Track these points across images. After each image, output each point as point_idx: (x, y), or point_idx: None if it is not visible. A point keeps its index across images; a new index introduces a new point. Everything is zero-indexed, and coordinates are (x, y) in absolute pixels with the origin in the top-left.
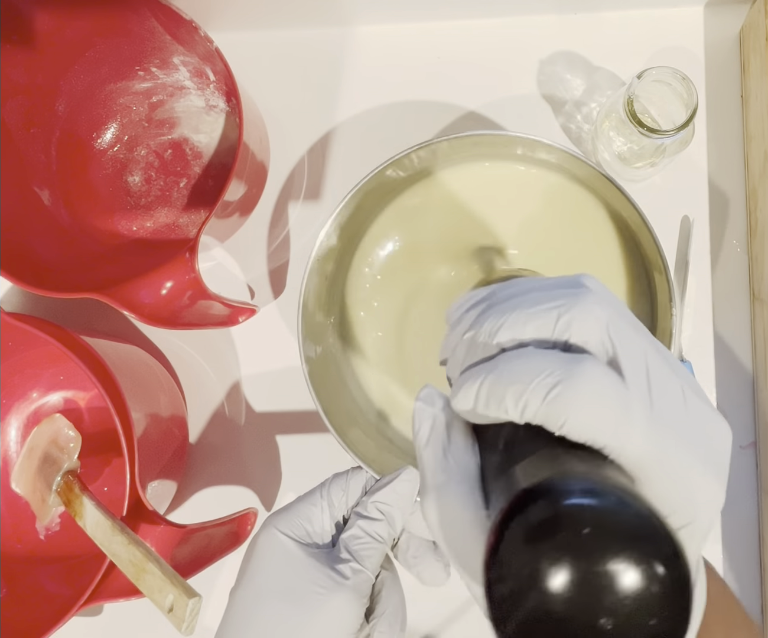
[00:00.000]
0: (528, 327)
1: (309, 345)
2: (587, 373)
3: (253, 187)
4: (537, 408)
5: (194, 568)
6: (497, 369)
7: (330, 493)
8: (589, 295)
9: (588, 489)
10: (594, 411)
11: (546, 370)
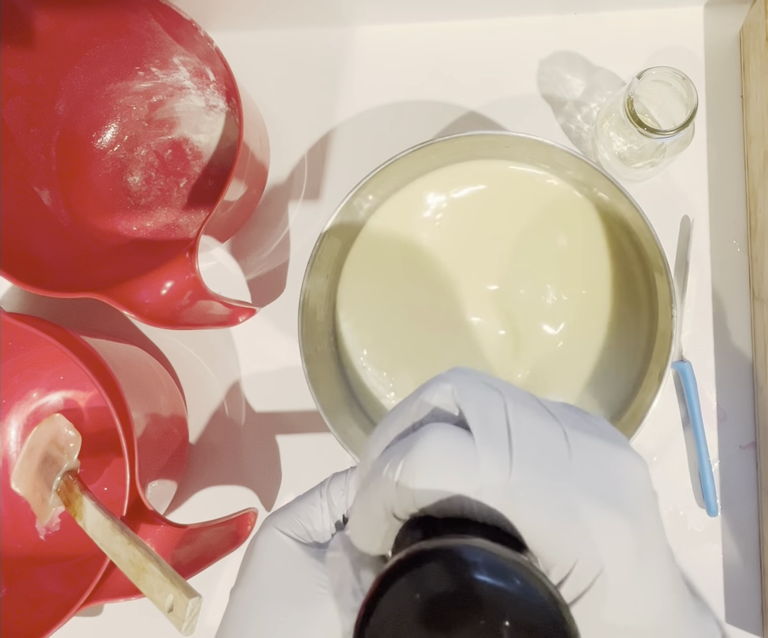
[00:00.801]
0: (390, 430)
1: (309, 344)
2: (426, 439)
3: (253, 187)
4: (394, 498)
5: (194, 568)
6: (369, 486)
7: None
8: (440, 376)
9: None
10: (436, 469)
11: (392, 457)
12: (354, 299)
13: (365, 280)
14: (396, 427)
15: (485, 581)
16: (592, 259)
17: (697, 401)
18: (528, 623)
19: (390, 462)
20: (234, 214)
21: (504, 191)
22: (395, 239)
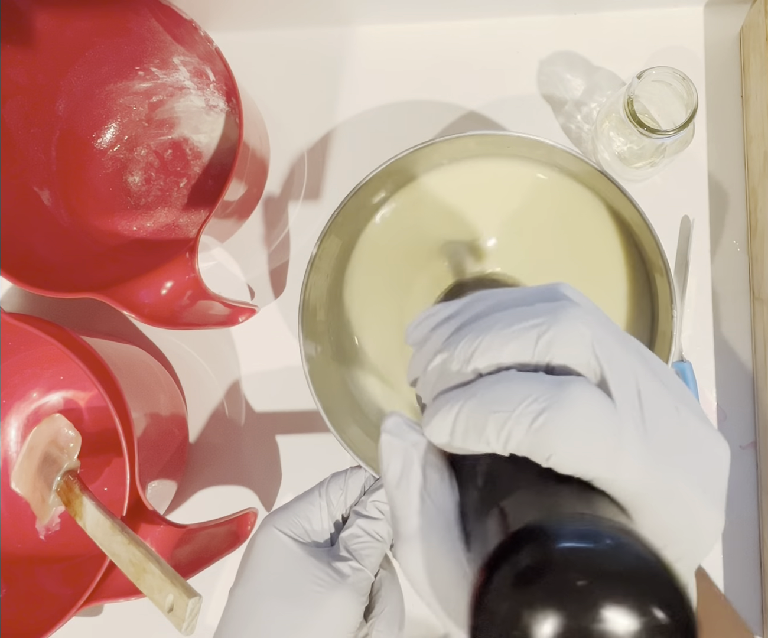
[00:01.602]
0: (506, 350)
1: (309, 343)
2: (575, 398)
3: (253, 187)
4: (522, 439)
5: (194, 568)
6: (476, 397)
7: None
8: (571, 308)
9: (580, 532)
10: (584, 440)
11: (530, 396)
12: (355, 299)
13: (366, 280)
14: (514, 345)
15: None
16: (591, 259)
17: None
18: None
19: (525, 405)
20: (234, 214)
21: (504, 191)
22: (396, 239)
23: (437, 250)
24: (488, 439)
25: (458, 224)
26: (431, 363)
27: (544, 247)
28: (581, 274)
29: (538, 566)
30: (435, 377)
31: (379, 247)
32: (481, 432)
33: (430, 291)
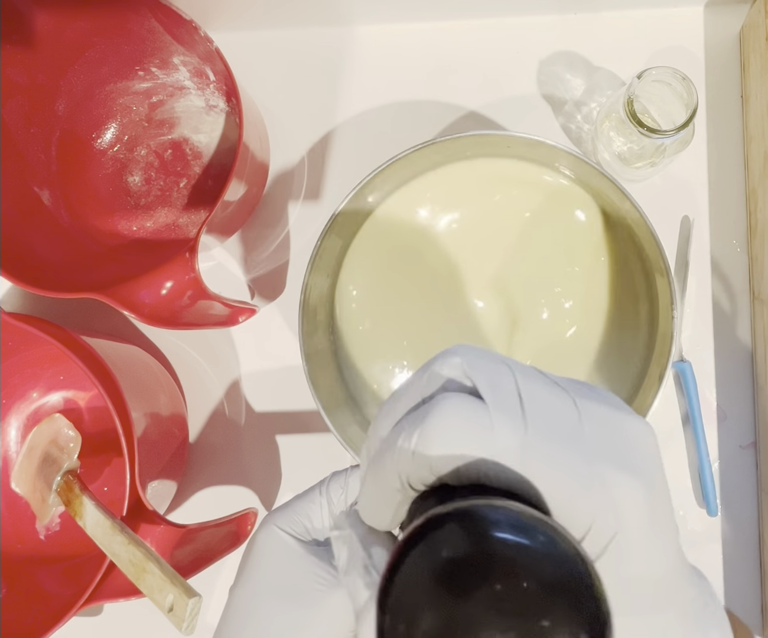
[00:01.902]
0: (399, 405)
1: (310, 342)
2: (439, 405)
3: (253, 187)
4: (410, 464)
5: (194, 568)
6: (379, 458)
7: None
8: (448, 351)
9: (510, 521)
10: (452, 434)
11: (407, 427)
12: (356, 298)
13: (366, 280)
14: (406, 402)
15: (508, 539)
16: (591, 259)
17: (697, 401)
18: (554, 580)
19: (404, 432)
20: (234, 214)
21: (504, 191)
22: (396, 239)
23: (437, 250)
24: (390, 484)
25: (456, 224)
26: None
27: (544, 246)
28: (580, 274)
29: (459, 550)
30: (364, 469)
31: (379, 245)
32: (382, 480)
33: (429, 290)
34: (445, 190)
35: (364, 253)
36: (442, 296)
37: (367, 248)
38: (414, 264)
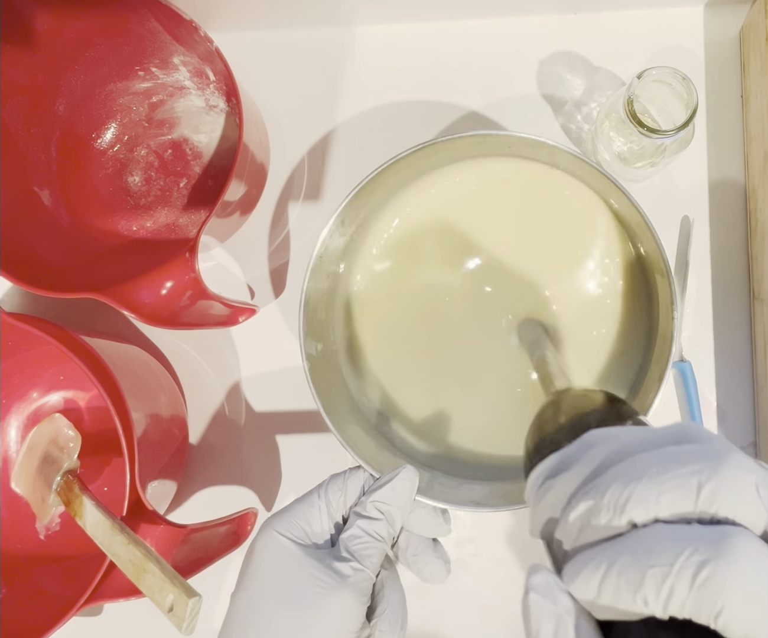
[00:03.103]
0: (663, 499)
1: (310, 342)
2: (741, 550)
3: (253, 187)
4: (686, 596)
5: (194, 568)
6: (629, 550)
7: (327, 494)
8: (730, 453)
9: None
10: (758, 598)
11: (690, 547)
12: (356, 299)
13: (368, 279)
14: (673, 494)
15: None
16: (591, 260)
17: (697, 401)
18: None
19: (685, 557)
20: (234, 214)
21: (503, 190)
22: (397, 238)
23: (437, 249)
24: (646, 598)
25: (458, 223)
26: (574, 510)
27: (544, 247)
28: (581, 275)
29: None
30: (578, 527)
31: (380, 245)
32: (636, 590)
33: (431, 292)
34: (446, 190)
35: (366, 255)
36: (443, 293)
37: (369, 248)
38: (415, 263)
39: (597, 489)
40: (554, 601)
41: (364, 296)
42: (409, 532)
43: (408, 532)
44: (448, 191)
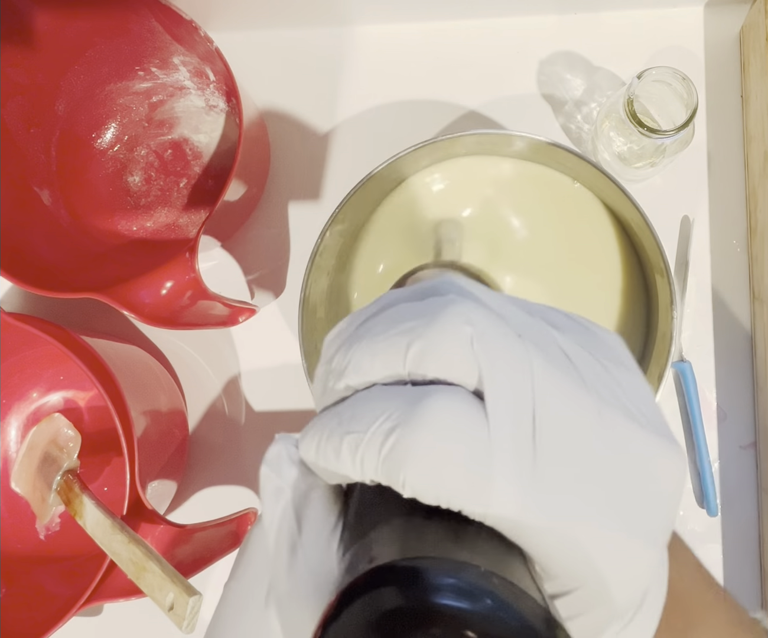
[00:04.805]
0: (376, 362)
1: (309, 340)
2: (430, 412)
3: (253, 187)
4: (376, 464)
5: (194, 568)
6: (339, 415)
7: None
8: (453, 303)
9: (453, 585)
10: (434, 464)
11: (385, 412)
12: (355, 298)
13: (367, 278)
14: (386, 356)
15: (450, 604)
16: (591, 259)
17: (697, 401)
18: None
19: (378, 423)
20: (234, 214)
21: (503, 190)
22: (396, 238)
23: (436, 248)
24: (345, 464)
25: (458, 223)
26: (316, 376)
27: (544, 246)
28: (581, 274)
29: (398, 613)
30: (320, 391)
31: (379, 245)
32: (337, 458)
33: None
34: (446, 190)
35: (365, 253)
36: None
37: (368, 248)
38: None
39: (333, 354)
40: (279, 474)
41: (363, 296)
42: None
43: None
44: (448, 190)
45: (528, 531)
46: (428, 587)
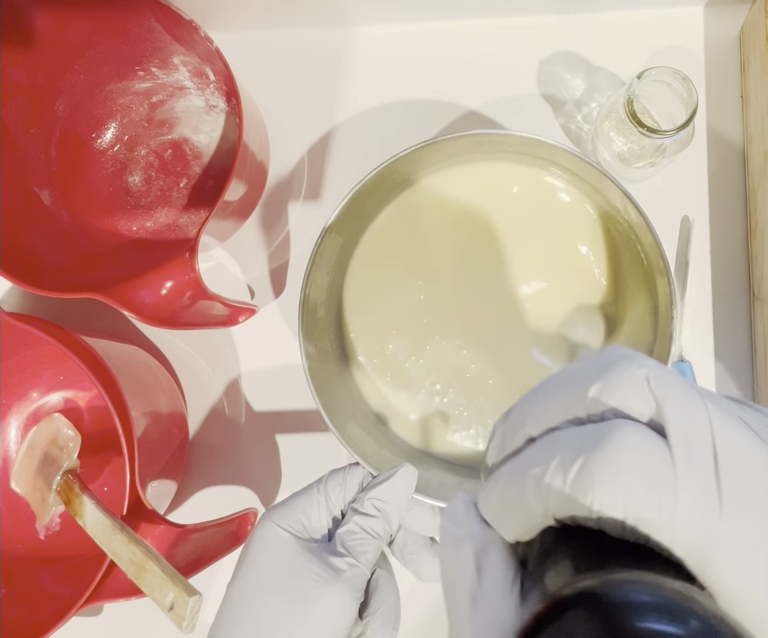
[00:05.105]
0: (556, 407)
1: (309, 340)
2: (615, 438)
3: (253, 187)
4: (561, 492)
5: (194, 568)
6: (520, 460)
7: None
8: (629, 355)
9: (657, 605)
10: (624, 479)
11: (568, 446)
12: (356, 297)
13: (367, 278)
14: (565, 405)
15: (657, 629)
16: (591, 259)
17: None
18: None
19: (562, 455)
20: (234, 214)
21: (503, 190)
22: (396, 238)
23: (436, 247)
24: (529, 501)
25: (457, 222)
26: (492, 439)
27: (544, 246)
28: (580, 275)
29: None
30: (495, 454)
31: (379, 245)
32: (521, 497)
33: (429, 291)
34: (446, 190)
35: (365, 252)
36: (444, 293)
37: (368, 248)
38: (416, 262)
39: (506, 416)
40: (459, 525)
41: (363, 296)
42: (406, 530)
43: (406, 530)
44: (448, 190)
45: (715, 563)
46: (623, 608)
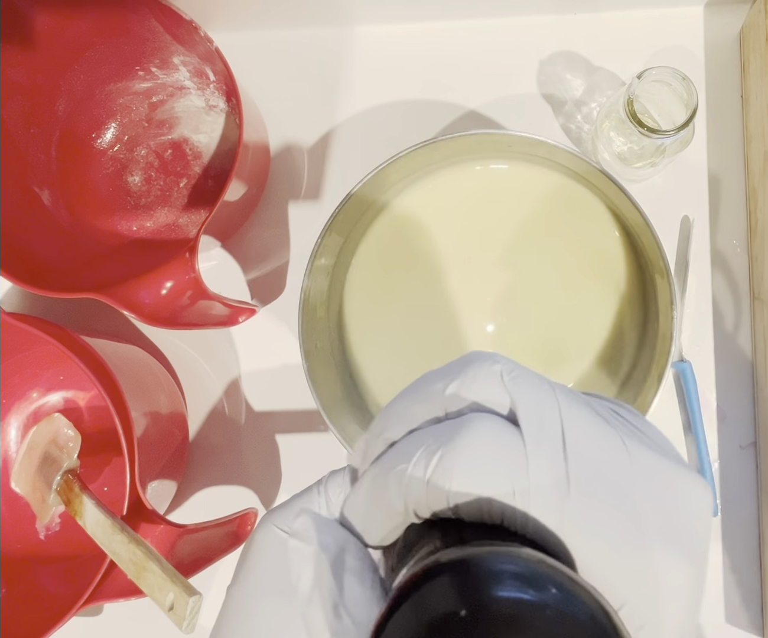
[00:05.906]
0: (416, 408)
1: (309, 340)
2: (469, 430)
3: (253, 187)
4: (422, 486)
5: (194, 568)
6: (382, 462)
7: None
8: (486, 355)
9: (516, 573)
10: (480, 468)
11: (428, 441)
12: (356, 297)
13: (367, 278)
14: (425, 406)
15: (517, 597)
16: (591, 259)
17: (697, 401)
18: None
19: (422, 450)
20: (234, 214)
21: (504, 190)
22: (396, 237)
23: (436, 248)
24: (391, 500)
25: (456, 222)
26: (357, 447)
27: (543, 246)
28: (580, 275)
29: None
30: (359, 460)
31: (379, 246)
32: (384, 494)
33: (429, 291)
34: (446, 190)
35: (365, 252)
36: (444, 294)
37: (367, 247)
38: (416, 263)
39: (372, 427)
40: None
41: (363, 295)
42: None
43: None
44: (447, 191)
45: (567, 537)
46: (484, 577)
